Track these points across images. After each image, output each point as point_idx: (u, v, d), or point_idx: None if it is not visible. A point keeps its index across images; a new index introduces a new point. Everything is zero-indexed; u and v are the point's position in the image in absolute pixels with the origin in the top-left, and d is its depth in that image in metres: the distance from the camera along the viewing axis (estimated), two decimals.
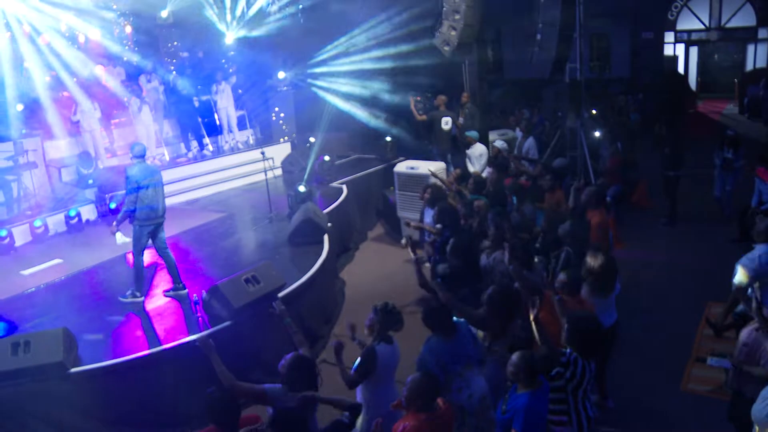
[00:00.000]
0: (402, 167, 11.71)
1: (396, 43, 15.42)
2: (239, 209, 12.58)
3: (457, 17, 11.65)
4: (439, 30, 12.05)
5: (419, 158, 12.31)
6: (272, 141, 15.97)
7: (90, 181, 12.32)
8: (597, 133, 12.30)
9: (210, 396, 4.49)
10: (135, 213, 8.02)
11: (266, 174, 11.66)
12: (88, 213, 11.88)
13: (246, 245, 10.69)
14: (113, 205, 11.58)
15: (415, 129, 15.00)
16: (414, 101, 14.07)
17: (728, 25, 22.95)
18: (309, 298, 8.49)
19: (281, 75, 16.50)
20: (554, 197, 8.71)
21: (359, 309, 9.00)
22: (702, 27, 23.35)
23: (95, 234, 11.22)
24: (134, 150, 8.17)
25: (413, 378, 4.44)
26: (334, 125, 15.75)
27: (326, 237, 10.03)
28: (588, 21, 11.99)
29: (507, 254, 6.03)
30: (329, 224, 10.49)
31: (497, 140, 12.23)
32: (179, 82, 15.00)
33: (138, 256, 8.24)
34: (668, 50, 23.78)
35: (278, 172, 13.83)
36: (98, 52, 14.56)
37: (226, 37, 16.37)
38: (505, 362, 4.57)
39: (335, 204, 11.81)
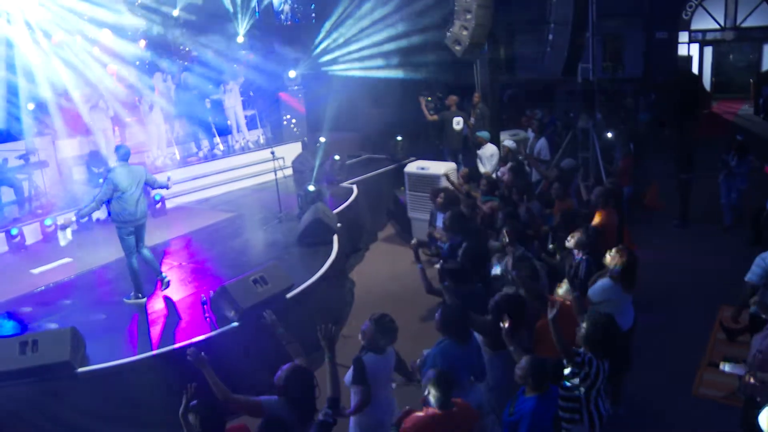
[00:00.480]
0: (412, 167, 11.66)
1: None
2: (249, 209, 12.57)
3: (469, 17, 11.57)
4: (451, 29, 11.98)
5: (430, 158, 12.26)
6: (283, 141, 15.96)
7: (101, 180, 12.31)
8: (609, 134, 12.19)
9: (194, 408, 4.33)
10: (111, 215, 8.09)
11: (276, 174, 11.64)
12: (99, 212, 11.84)
13: (255, 245, 10.68)
14: None
15: (425, 129, 14.97)
16: (425, 101, 14.01)
17: (744, 25, 22.75)
18: (318, 299, 8.46)
19: (292, 74, 16.48)
20: (564, 205, 8.58)
21: (369, 310, 8.93)
22: (717, 27, 23.15)
23: (105, 233, 11.22)
24: (119, 152, 8.17)
25: (429, 374, 4.44)
26: (346, 125, 15.74)
27: (335, 237, 10.00)
28: (601, 21, 11.88)
29: (510, 259, 6.00)
30: (339, 224, 10.45)
31: (506, 140, 12.14)
32: (190, 82, 15.01)
33: (129, 258, 8.25)
34: (682, 50, 23.59)
35: (289, 172, 13.82)
36: (110, 51, 14.59)
37: (238, 37, 16.39)
38: (511, 368, 4.54)
39: (345, 204, 11.80)
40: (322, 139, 14.57)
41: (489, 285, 6.48)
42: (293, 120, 16.34)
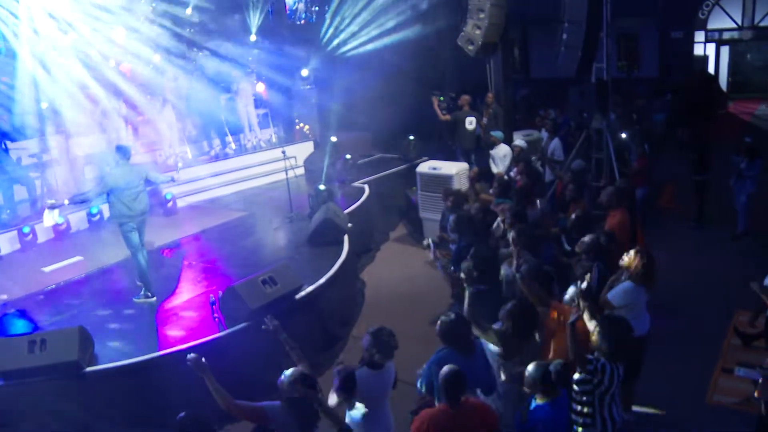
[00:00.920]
0: (424, 167, 11.58)
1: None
2: (260, 208, 12.54)
3: (482, 16, 11.48)
4: (464, 29, 11.90)
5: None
6: (295, 140, 15.93)
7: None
8: (623, 135, 12.06)
9: (181, 421, 4.30)
10: (110, 213, 8.15)
11: (287, 173, 11.60)
12: (106, 211, 11.90)
13: (266, 245, 10.66)
14: None
15: (438, 129, 14.88)
16: (437, 101, 13.93)
17: (762, 24, 22.47)
18: (328, 300, 8.43)
19: (304, 72, 16.44)
20: (579, 206, 8.47)
21: (379, 311, 8.94)
22: (734, 26, 22.88)
23: (117, 231, 11.22)
24: (119, 152, 8.17)
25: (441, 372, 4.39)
26: (358, 124, 15.68)
27: (346, 238, 9.95)
28: (616, 20, 11.75)
29: (515, 263, 5.94)
30: (350, 224, 10.40)
31: (518, 140, 12.02)
32: (202, 81, 15.01)
33: (135, 256, 8.25)
34: (698, 50, 23.34)
35: (301, 171, 13.78)
36: (124, 50, 14.60)
37: (250, 36, 16.37)
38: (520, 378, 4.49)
39: (357, 204, 11.76)
40: (333, 139, 14.53)
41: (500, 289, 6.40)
42: (306, 126, 16.35)
